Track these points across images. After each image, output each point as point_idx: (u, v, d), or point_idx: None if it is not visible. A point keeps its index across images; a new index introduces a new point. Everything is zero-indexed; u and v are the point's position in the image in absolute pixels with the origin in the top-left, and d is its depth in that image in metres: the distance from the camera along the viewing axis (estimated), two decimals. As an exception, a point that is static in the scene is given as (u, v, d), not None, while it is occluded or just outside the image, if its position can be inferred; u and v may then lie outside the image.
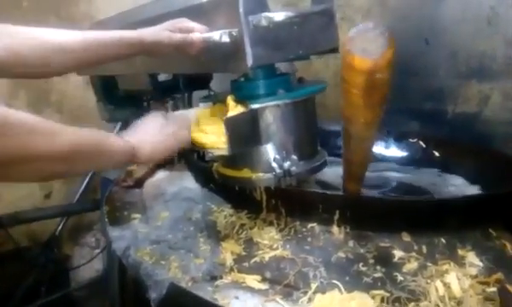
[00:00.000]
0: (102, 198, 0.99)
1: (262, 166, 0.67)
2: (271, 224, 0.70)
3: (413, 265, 0.57)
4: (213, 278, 0.58)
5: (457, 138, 0.96)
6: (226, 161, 0.72)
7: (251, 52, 0.59)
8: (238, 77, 0.71)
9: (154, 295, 0.58)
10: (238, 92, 0.69)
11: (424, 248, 0.60)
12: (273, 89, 0.66)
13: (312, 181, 0.82)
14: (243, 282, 0.57)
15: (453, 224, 0.63)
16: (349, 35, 0.50)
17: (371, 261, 0.59)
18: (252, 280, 0.57)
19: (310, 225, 0.68)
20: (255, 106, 0.64)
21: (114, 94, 1.26)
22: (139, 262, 0.64)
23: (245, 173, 0.68)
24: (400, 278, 0.55)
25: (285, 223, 0.69)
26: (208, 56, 0.64)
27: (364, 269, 0.57)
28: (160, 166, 1.03)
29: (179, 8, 0.72)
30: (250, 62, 0.59)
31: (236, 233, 0.70)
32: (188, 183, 0.92)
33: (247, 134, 0.64)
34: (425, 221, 0.63)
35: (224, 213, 0.76)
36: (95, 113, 1.34)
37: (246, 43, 0.58)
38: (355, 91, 0.53)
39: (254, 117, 0.65)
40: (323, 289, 0.54)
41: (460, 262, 0.58)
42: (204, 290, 0.56)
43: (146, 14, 0.85)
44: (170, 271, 0.61)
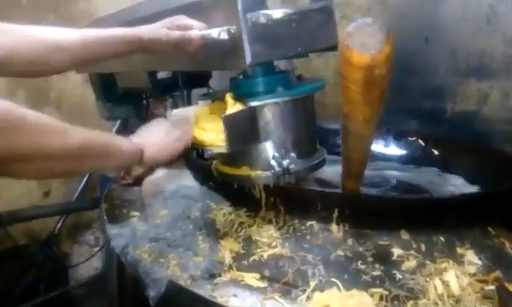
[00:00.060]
0: (101, 196, 0.99)
1: (261, 164, 0.67)
2: (270, 222, 0.70)
3: (412, 263, 0.57)
4: (212, 276, 0.58)
5: (456, 136, 0.96)
6: (225, 159, 0.72)
7: (249, 49, 0.59)
8: (237, 74, 0.71)
9: (153, 293, 0.58)
10: (237, 90, 0.69)
11: (423, 246, 0.60)
12: (272, 86, 0.66)
13: (311, 179, 0.82)
14: (242, 280, 0.57)
15: (452, 222, 0.63)
16: (347, 30, 0.50)
17: (370, 259, 0.59)
18: (250, 278, 0.57)
19: (309, 223, 0.68)
20: (254, 103, 0.64)
21: (113, 92, 1.25)
22: (138, 260, 0.64)
23: (244, 171, 0.68)
24: (399, 276, 0.55)
25: (284, 221, 0.69)
26: (207, 54, 0.64)
27: (363, 267, 0.57)
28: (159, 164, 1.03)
29: (177, 5, 0.72)
30: (249, 60, 0.59)
31: (235, 231, 0.70)
32: (187, 181, 0.92)
33: (246, 132, 0.64)
34: (424, 219, 0.63)
35: (223, 211, 0.76)
36: (94, 111, 1.34)
37: (244, 41, 0.58)
38: (353, 87, 0.53)
39: (253, 114, 0.65)
40: (322, 287, 0.54)
41: (459, 260, 0.57)
42: (203, 288, 0.56)
43: (144, 12, 0.84)
44: (168, 269, 0.61)
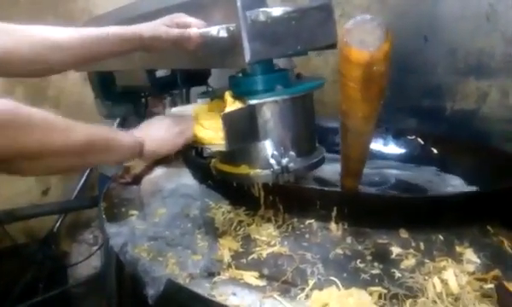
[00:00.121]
0: (100, 194, 0.99)
1: (260, 162, 0.67)
2: (269, 221, 0.70)
3: (411, 262, 0.57)
4: (211, 274, 0.58)
5: (456, 135, 0.96)
6: (224, 157, 0.72)
7: (249, 47, 0.58)
8: (236, 72, 0.71)
9: (152, 291, 0.58)
10: (236, 88, 0.69)
11: (422, 245, 0.60)
12: (271, 84, 0.66)
13: (310, 177, 0.82)
14: (241, 279, 0.57)
15: (451, 221, 0.63)
16: (346, 27, 0.50)
17: (369, 257, 0.59)
18: (249, 276, 0.57)
19: (308, 222, 0.68)
20: (253, 101, 0.64)
21: (112, 90, 1.25)
22: (136, 258, 0.64)
23: (243, 169, 0.68)
24: (398, 274, 0.55)
25: (283, 220, 0.69)
26: (206, 51, 0.64)
27: (362, 266, 0.57)
28: (158, 163, 1.03)
29: (177, 2, 0.72)
30: (248, 57, 0.59)
31: (234, 229, 0.70)
32: (185, 180, 0.92)
33: (245, 130, 0.64)
34: (423, 218, 0.63)
35: (222, 210, 0.76)
36: (92, 110, 1.33)
37: (243, 39, 0.58)
38: (352, 85, 0.53)
39: (252, 113, 0.64)
40: (321, 286, 0.54)
41: (457, 258, 0.58)
42: (201, 286, 0.56)
43: (144, 9, 0.84)
44: (167, 268, 0.61)
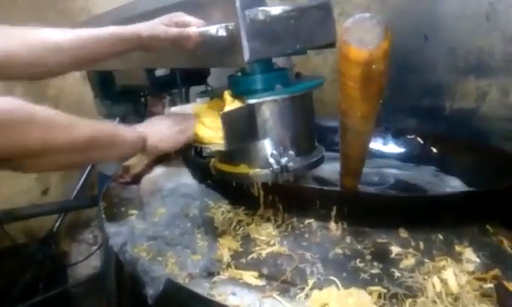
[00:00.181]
0: (100, 194, 0.98)
1: (259, 162, 0.66)
2: (269, 220, 0.70)
3: (410, 261, 0.57)
4: (210, 274, 0.58)
5: (455, 134, 0.96)
6: (223, 157, 0.72)
7: (248, 46, 0.58)
8: (235, 72, 0.71)
9: (151, 291, 0.58)
10: (235, 87, 0.69)
11: (421, 244, 0.60)
12: (270, 84, 0.66)
13: (309, 177, 0.82)
14: (240, 278, 0.57)
15: (450, 220, 0.63)
16: (345, 25, 0.50)
17: (368, 257, 0.59)
18: (249, 276, 0.57)
19: (307, 221, 0.68)
20: (252, 101, 0.64)
21: (111, 89, 1.25)
22: (136, 258, 0.64)
23: (242, 169, 0.68)
24: (397, 274, 0.55)
25: (282, 219, 0.69)
26: (205, 50, 0.64)
27: (361, 266, 0.57)
28: (158, 162, 1.03)
29: (176, 1, 0.72)
30: (247, 56, 0.59)
31: (234, 229, 0.70)
32: (185, 179, 0.92)
33: (244, 129, 0.64)
34: (422, 217, 0.63)
35: (222, 209, 0.76)
36: (92, 109, 1.33)
37: (242, 37, 0.58)
38: (351, 83, 0.53)
39: (251, 112, 0.64)
40: (320, 285, 0.54)
41: (457, 258, 0.58)
42: (201, 286, 0.56)
43: (142, 9, 0.84)
44: (167, 267, 0.61)
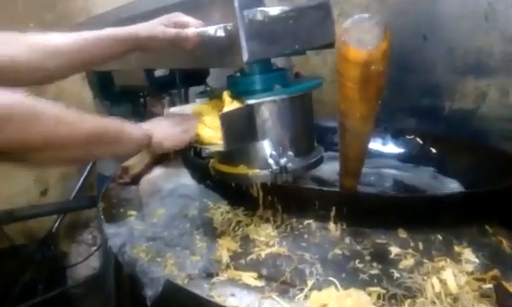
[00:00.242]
0: (99, 195, 0.98)
1: (258, 163, 0.66)
2: (268, 221, 0.70)
3: (409, 262, 0.57)
4: (209, 275, 0.58)
5: (454, 134, 0.96)
6: (222, 157, 0.72)
7: (246, 47, 0.58)
8: (234, 72, 0.71)
9: (150, 292, 0.58)
10: (234, 88, 0.68)
11: (420, 245, 0.60)
12: (269, 84, 0.66)
13: (308, 177, 0.81)
14: (239, 279, 0.57)
15: (449, 221, 0.63)
16: (344, 25, 0.50)
17: (367, 258, 0.59)
18: (248, 277, 0.57)
19: (306, 222, 0.68)
20: (251, 101, 0.64)
21: (111, 90, 1.25)
22: (135, 259, 0.64)
23: (241, 169, 0.68)
24: (396, 275, 0.55)
25: (281, 220, 0.69)
26: (203, 51, 0.64)
27: (361, 266, 0.57)
28: (157, 163, 1.03)
29: (174, 2, 0.71)
30: (246, 57, 0.58)
31: (233, 230, 0.69)
32: (184, 180, 0.92)
33: (243, 130, 0.64)
34: (421, 217, 0.63)
35: (221, 210, 0.76)
36: (92, 109, 1.33)
37: (241, 38, 0.58)
38: (350, 84, 0.53)
39: (250, 112, 0.64)
40: (320, 286, 0.54)
41: (456, 258, 0.58)
42: (200, 287, 0.56)
43: (141, 9, 0.84)
44: (166, 268, 0.61)
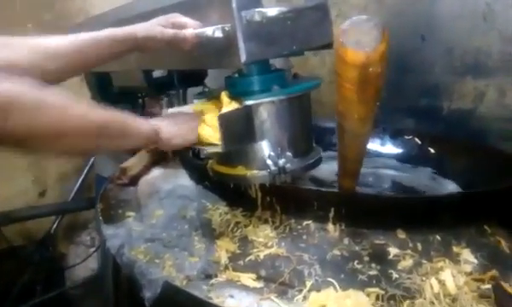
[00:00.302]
0: (97, 196, 0.98)
1: (257, 163, 0.66)
2: (266, 222, 0.70)
3: (408, 262, 0.57)
4: (208, 276, 0.58)
5: (453, 135, 0.96)
6: (221, 158, 0.72)
7: (244, 47, 0.58)
8: (232, 73, 0.71)
9: (149, 294, 0.58)
10: (232, 88, 0.68)
11: (419, 245, 0.60)
12: (267, 85, 0.66)
13: (306, 177, 0.81)
14: (238, 281, 0.57)
15: (448, 221, 0.63)
16: (342, 27, 0.49)
17: (366, 258, 0.59)
18: (247, 278, 0.57)
19: (305, 223, 0.68)
20: (249, 102, 0.64)
21: (109, 91, 1.25)
22: (133, 260, 0.64)
23: (239, 170, 0.68)
24: (395, 275, 0.55)
25: (280, 221, 0.69)
26: (201, 52, 0.64)
27: (359, 267, 0.57)
28: (155, 164, 1.02)
29: (172, 3, 0.71)
30: (243, 58, 0.58)
31: (231, 231, 0.69)
32: (182, 181, 0.92)
33: (242, 131, 0.64)
34: (420, 218, 0.63)
35: (219, 211, 0.76)
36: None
37: (239, 39, 0.58)
38: (348, 86, 0.53)
39: (249, 113, 0.64)
40: (318, 287, 0.54)
41: (455, 259, 0.57)
42: (199, 288, 0.56)
43: (139, 10, 0.84)
44: (164, 270, 0.60)
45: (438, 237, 0.62)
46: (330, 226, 0.65)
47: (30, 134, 0.45)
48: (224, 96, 0.66)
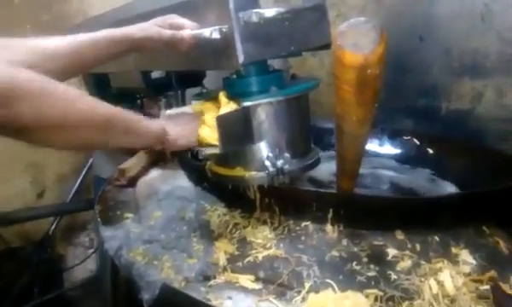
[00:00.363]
0: (95, 197, 0.98)
1: (255, 165, 0.66)
2: (265, 223, 0.69)
3: (407, 263, 0.57)
4: (206, 278, 0.58)
5: (451, 135, 0.96)
6: (219, 160, 0.72)
7: (242, 48, 0.58)
8: (230, 74, 0.71)
9: (147, 296, 0.57)
10: (230, 89, 0.68)
11: (418, 246, 0.60)
12: (266, 86, 0.66)
13: (304, 178, 0.81)
14: (236, 282, 0.57)
15: (446, 222, 0.63)
16: (340, 29, 0.49)
17: (365, 259, 0.59)
18: (245, 279, 0.57)
19: (303, 224, 0.67)
20: (247, 103, 0.63)
21: (107, 92, 1.25)
22: (131, 262, 0.64)
23: (238, 172, 0.67)
24: (394, 276, 0.55)
25: (279, 222, 0.69)
26: (199, 53, 0.64)
27: (358, 268, 0.57)
28: (154, 165, 1.02)
29: (169, 4, 0.71)
30: (241, 59, 0.58)
31: (230, 232, 0.69)
32: (181, 182, 0.91)
33: (240, 132, 0.63)
34: (418, 219, 0.63)
35: (218, 212, 0.76)
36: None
37: (236, 40, 0.58)
38: (346, 88, 0.53)
39: (247, 115, 0.64)
40: (317, 288, 0.54)
41: (453, 260, 0.57)
42: (197, 290, 0.55)
43: (137, 11, 0.84)
44: (162, 271, 0.60)
45: (436, 238, 0.62)
46: (329, 227, 0.65)
47: (35, 124, 0.45)
48: (222, 97, 0.66)
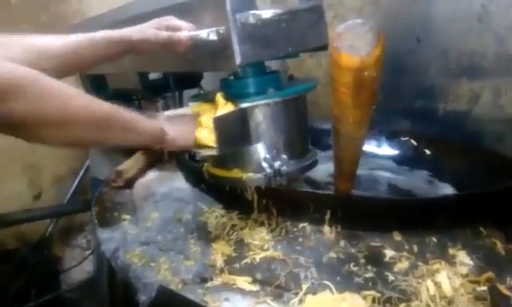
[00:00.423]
0: (93, 198, 0.98)
1: (252, 166, 0.66)
2: (262, 225, 0.69)
3: (404, 265, 0.57)
4: (204, 280, 0.58)
5: (448, 136, 0.96)
6: (216, 161, 0.72)
7: (239, 50, 0.58)
8: (227, 75, 0.71)
9: (144, 298, 0.57)
10: (227, 90, 0.68)
11: (415, 247, 0.60)
12: (263, 87, 0.65)
13: (302, 179, 0.81)
14: (234, 284, 0.56)
15: (444, 223, 0.63)
16: (336, 31, 0.49)
17: (362, 261, 0.59)
18: (242, 281, 0.57)
19: (301, 225, 0.67)
20: (244, 105, 0.63)
21: (104, 93, 1.24)
22: (128, 264, 0.63)
23: (235, 173, 0.67)
24: (391, 278, 0.55)
25: (276, 224, 0.69)
26: (196, 54, 0.63)
27: (355, 269, 0.57)
28: (151, 166, 1.02)
29: (167, 5, 0.71)
30: (238, 60, 0.58)
31: (227, 234, 0.69)
32: (178, 184, 0.91)
33: (237, 133, 0.63)
34: (416, 220, 0.63)
35: (215, 214, 0.76)
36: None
37: (233, 41, 0.58)
38: (343, 90, 0.53)
39: (244, 116, 0.64)
40: (314, 290, 0.53)
41: (451, 261, 0.57)
42: (194, 292, 0.55)
43: (135, 12, 0.83)
44: (159, 273, 0.60)
45: (434, 239, 0.62)
46: (326, 228, 0.65)
47: (33, 120, 0.45)
48: (220, 98, 0.66)
